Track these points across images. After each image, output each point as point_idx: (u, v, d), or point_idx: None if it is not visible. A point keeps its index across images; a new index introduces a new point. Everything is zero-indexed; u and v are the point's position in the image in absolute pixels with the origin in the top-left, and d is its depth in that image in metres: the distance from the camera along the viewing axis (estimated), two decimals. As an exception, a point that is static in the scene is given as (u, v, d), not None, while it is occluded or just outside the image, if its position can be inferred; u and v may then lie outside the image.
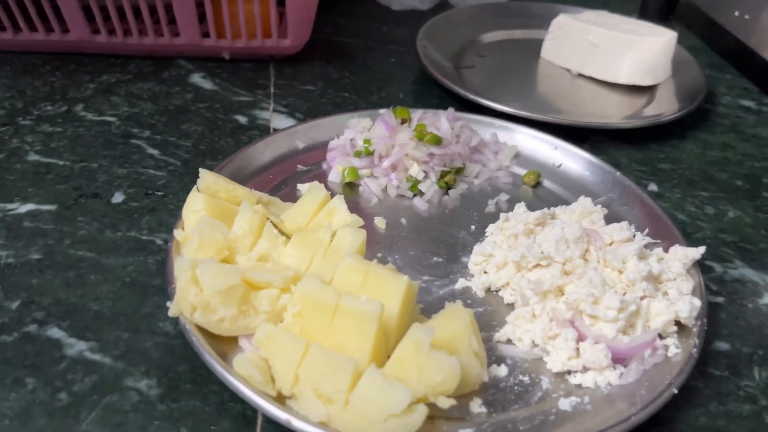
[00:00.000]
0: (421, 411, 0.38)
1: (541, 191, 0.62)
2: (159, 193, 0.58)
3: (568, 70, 0.83)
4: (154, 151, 0.64)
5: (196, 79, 0.76)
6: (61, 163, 0.61)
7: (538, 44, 0.86)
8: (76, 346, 0.44)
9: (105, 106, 0.70)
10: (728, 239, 0.58)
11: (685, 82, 0.79)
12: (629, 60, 0.77)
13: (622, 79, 0.78)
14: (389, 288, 0.44)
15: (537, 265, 0.49)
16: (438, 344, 0.41)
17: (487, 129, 0.66)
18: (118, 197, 0.58)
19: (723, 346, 0.48)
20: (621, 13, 0.98)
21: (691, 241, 0.57)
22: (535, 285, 0.47)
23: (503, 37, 0.90)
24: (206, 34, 0.77)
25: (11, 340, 0.44)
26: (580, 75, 0.82)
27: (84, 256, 0.51)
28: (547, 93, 0.79)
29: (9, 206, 0.56)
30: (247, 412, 0.41)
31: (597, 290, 0.45)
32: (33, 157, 0.62)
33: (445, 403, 0.39)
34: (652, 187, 0.64)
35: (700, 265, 0.54)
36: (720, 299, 0.52)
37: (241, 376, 0.40)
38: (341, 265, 0.45)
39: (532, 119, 0.68)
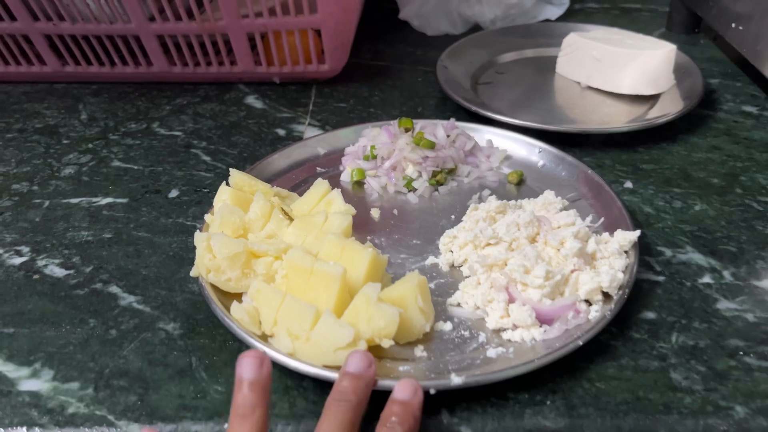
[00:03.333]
0: (362, 346, 0.48)
1: (523, 189, 0.71)
2: (205, 190, 0.73)
3: (579, 83, 0.91)
4: (207, 158, 0.79)
5: (250, 100, 0.92)
6: (135, 167, 0.78)
7: (554, 61, 0.95)
8: (127, 299, 0.59)
9: (175, 123, 0.86)
10: (686, 228, 0.64)
11: (688, 90, 0.84)
12: (631, 72, 0.84)
13: (625, 90, 0.85)
14: (358, 257, 0.55)
15: (488, 244, 0.58)
16: (390, 299, 0.52)
17: (484, 135, 0.76)
18: (174, 193, 0.73)
19: (650, 315, 0.55)
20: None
21: (650, 230, 0.64)
22: (482, 259, 0.56)
23: (523, 56, 0.99)
24: (258, 62, 0.92)
25: (83, 293, 0.60)
26: (589, 87, 0.89)
27: (142, 236, 0.66)
28: (557, 104, 0.88)
29: (94, 199, 0.72)
30: (242, 348, 0.54)
31: (529, 262, 0.54)
32: (116, 163, 0.79)
33: (386, 343, 0.50)
34: (628, 184, 0.71)
35: (651, 250, 0.61)
36: (661, 278, 0.59)
37: (236, 319, 0.52)
38: (325, 240, 0.57)
39: (527, 127, 0.76)
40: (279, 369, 0.51)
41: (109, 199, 0.72)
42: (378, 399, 0.46)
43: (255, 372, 0.42)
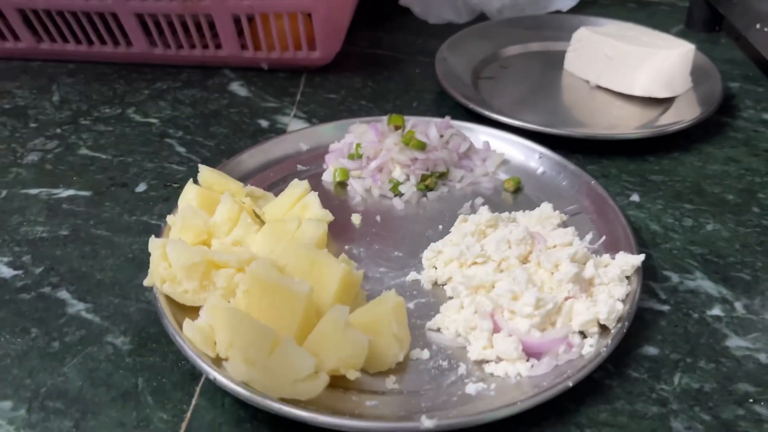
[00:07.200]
0: (323, 378, 0.43)
1: (520, 197, 0.65)
2: (175, 185, 0.68)
3: (587, 82, 0.84)
4: (182, 149, 0.73)
5: (235, 86, 0.86)
6: (104, 156, 0.72)
7: (563, 56, 0.88)
8: (76, 307, 0.54)
9: (152, 110, 0.81)
10: (697, 251, 0.58)
11: (705, 94, 0.78)
12: (644, 72, 0.78)
13: (637, 91, 0.79)
14: (329, 274, 0.50)
15: (475, 263, 0.53)
16: (361, 324, 0.46)
17: (481, 137, 0.70)
18: (141, 187, 0.67)
19: (651, 350, 0.49)
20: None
21: (655, 251, 0.58)
22: (467, 279, 0.50)
23: (529, 49, 0.92)
24: (245, 47, 0.86)
25: (28, 298, 0.54)
26: (598, 86, 0.83)
27: (101, 235, 0.61)
28: (563, 103, 0.81)
29: (54, 191, 0.67)
30: (194, 370, 0.48)
31: (518, 287, 0.48)
32: (83, 151, 0.73)
33: (353, 375, 0.44)
34: (634, 197, 0.65)
35: (656, 274, 0.55)
36: (665, 307, 0.53)
37: (187, 338, 0.47)
38: (295, 252, 0.52)
39: (525, 129, 0.70)
40: (233, 398, 0.46)
41: (71, 191, 0.67)
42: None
43: None
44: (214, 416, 0.45)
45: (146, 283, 0.51)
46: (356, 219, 0.62)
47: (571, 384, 0.44)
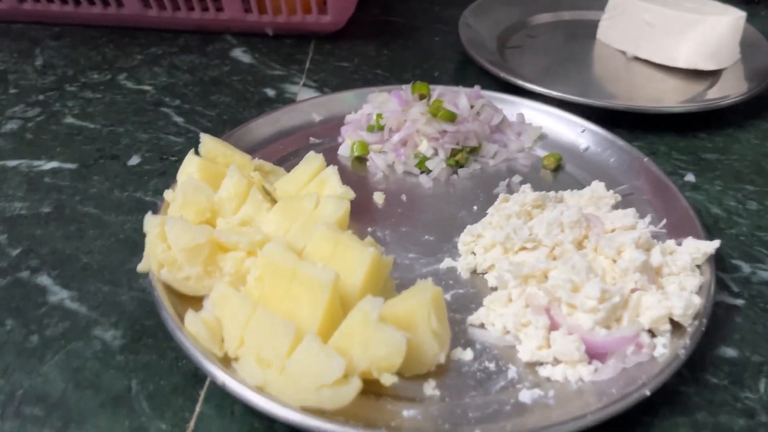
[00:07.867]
0: (355, 384, 0.36)
1: (561, 175, 0.58)
2: (173, 158, 0.60)
3: (624, 53, 0.77)
4: (179, 119, 0.66)
5: (237, 53, 0.78)
6: (92, 126, 0.64)
7: (595, 26, 0.81)
8: (59, 294, 0.46)
9: (145, 76, 0.73)
10: (766, 237, 0.51)
11: (755, 67, 0.71)
12: (689, 41, 0.71)
13: (681, 63, 0.72)
14: (355, 259, 0.42)
15: (523, 248, 0.46)
16: (395, 319, 0.39)
17: (515, 109, 0.63)
18: (134, 160, 0.60)
19: (730, 352, 0.43)
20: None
21: (722, 237, 0.51)
22: (515, 268, 0.43)
23: (560, 18, 0.85)
24: (249, 10, 0.78)
25: (3, 284, 0.47)
26: (636, 58, 0.76)
27: (89, 212, 0.54)
28: (597, 75, 0.74)
29: (35, 163, 0.59)
30: (198, 371, 0.41)
31: (578, 277, 0.41)
32: (69, 120, 0.65)
33: (388, 380, 0.37)
34: (689, 177, 0.58)
35: (725, 264, 0.49)
36: (739, 301, 0.46)
37: (190, 333, 0.40)
38: (314, 233, 0.45)
39: (564, 100, 0.63)
40: (244, 406, 0.39)
41: (54, 164, 0.59)
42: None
43: None
44: (222, 427, 0.38)
45: (141, 268, 0.44)
46: (379, 198, 0.55)
47: (648, 393, 0.37)
